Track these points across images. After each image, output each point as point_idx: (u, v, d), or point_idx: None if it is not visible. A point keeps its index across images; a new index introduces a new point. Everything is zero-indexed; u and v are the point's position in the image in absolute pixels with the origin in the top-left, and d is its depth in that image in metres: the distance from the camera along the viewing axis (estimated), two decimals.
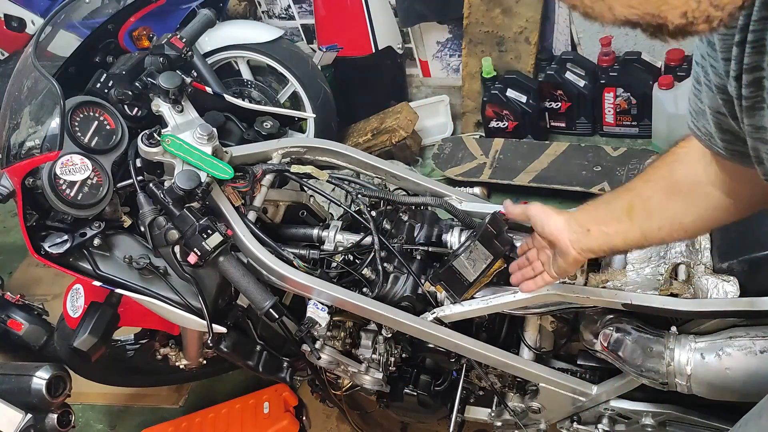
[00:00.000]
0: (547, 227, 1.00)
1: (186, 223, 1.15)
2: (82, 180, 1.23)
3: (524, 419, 1.48)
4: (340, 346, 1.38)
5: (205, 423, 1.99)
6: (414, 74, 3.19)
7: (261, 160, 1.41)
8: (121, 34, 1.47)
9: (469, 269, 1.24)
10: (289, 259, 1.28)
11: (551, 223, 0.99)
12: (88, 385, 1.83)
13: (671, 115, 2.29)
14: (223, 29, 2.69)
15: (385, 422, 1.92)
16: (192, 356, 1.69)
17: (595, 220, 0.95)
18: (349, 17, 2.87)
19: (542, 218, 1.01)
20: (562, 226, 0.97)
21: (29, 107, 1.30)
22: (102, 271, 1.28)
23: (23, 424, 1.20)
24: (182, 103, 1.32)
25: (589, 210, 0.98)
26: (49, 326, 2.18)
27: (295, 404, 1.99)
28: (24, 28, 3.05)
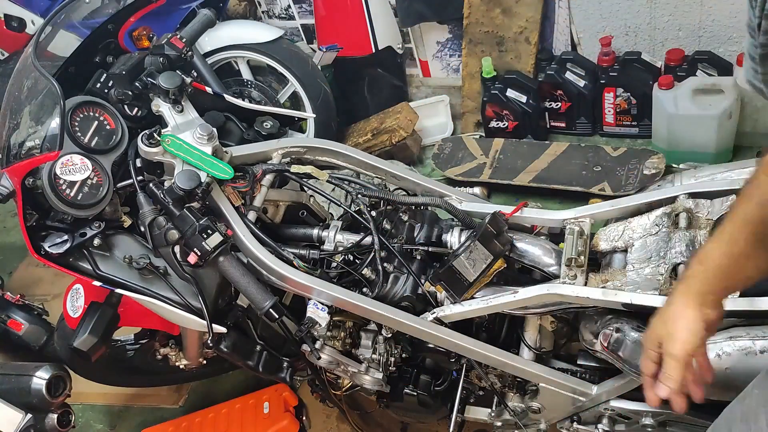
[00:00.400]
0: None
1: (186, 223, 1.15)
2: (82, 180, 1.23)
3: (524, 419, 1.48)
4: (340, 346, 1.38)
5: (205, 423, 1.99)
6: (414, 74, 3.19)
7: (261, 160, 1.41)
8: (121, 34, 1.47)
9: (469, 269, 1.24)
10: (289, 259, 1.28)
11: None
12: (88, 385, 1.83)
13: (671, 115, 2.29)
14: (223, 29, 2.69)
15: (385, 422, 1.92)
16: (192, 356, 1.69)
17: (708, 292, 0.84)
18: (349, 17, 2.87)
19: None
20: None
21: (29, 107, 1.30)
22: (102, 271, 1.28)
23: (23, 424, 1.20)
24: (182, 103, 1.32)
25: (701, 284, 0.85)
26: (49, 326, 2.18)
27: (295, 404, 1.99)
28: (24, 28, 3.05)
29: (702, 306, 0.83)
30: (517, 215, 1.35)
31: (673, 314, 0.84)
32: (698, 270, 0.83)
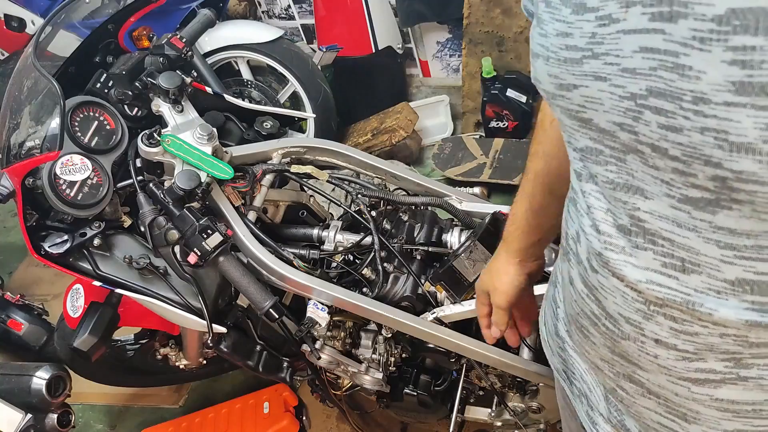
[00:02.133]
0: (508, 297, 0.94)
1: (186, 223, 1.15)
2: (82, 180, 1.23)
3: (524, 419, 1.48)
4: (340, 346, 1.38)
5: (205, 423, 1.99)
6: (414, 74, 3.19)
7: (261, 160, 1.41)
8: (121, 34, 1.47)
9: (469, 269, 1.24)
10: (289, 259, 1.28)
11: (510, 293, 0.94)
12: (88, 385, 1.83)
13: None
14: (223, 29, 2.70)
15: (385, 422, 1.92)
16: (192, 356, 1.69)
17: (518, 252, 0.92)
18: (349, 17, 2.87)
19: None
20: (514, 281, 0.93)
21: (29, 107, 1.30)
22: (102, 271, 1.28)
23: (23, 424, 1.20)
24: (182, 103, 1.32)
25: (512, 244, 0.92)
26: (49, 326, 2.18)
27: (295, 404, 1.99)
28: (24, 28, 3.05)
29: (522, 261, 0.91)
30: None
31: (498, 270, 0.93)
32: (511, 230, 0.91)
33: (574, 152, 0.57)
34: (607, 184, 0.53)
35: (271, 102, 2.77)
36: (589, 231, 0.57)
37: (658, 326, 0.54)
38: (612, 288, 0.56)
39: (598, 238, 0.56)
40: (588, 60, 0.47)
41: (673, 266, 0.50)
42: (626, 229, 0.53)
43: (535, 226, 0.88)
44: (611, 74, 0.45)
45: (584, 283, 0.61)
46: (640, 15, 0.42)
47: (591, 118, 0.50)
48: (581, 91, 0.49)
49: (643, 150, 0.47)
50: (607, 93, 0.47)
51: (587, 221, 0.58)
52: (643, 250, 0.52)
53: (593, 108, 0.49)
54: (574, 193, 0.62)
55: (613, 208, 0.54)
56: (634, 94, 0.44)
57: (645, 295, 0.53)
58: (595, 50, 0.46)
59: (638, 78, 0.44)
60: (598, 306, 0.60)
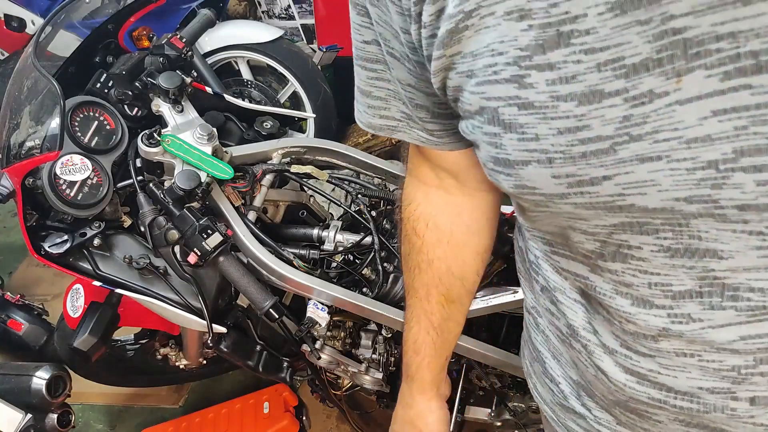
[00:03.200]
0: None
1: (186, 223, 1.15)
2: (82, 180, 1.23)
3: (524, 419, 1.48)
4: (340, 346, 1.38)
5: (205, 423, 1.99)
6: None
7: (261, 160, 1.41)
8: (121, 34, 1.47)
9: None
10: (289, 259, 1.28)
11: None
12: (88, 385, 1.83)
13: None
14: (223, 29, 2.70)
15: (385, 422, 1.91)
16: (192, 356, 1.69)
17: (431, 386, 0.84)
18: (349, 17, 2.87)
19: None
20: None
21: (29, 107, 1.30)
22: (102, 271, 1.28)
23: (23, 424, 1.20)
24: (182, 103, 1.32)
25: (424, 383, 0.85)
26: (49, 326, 2.18)
27: (295, 404, 1.99)
28: (24, 28, 3.05)
29: (437, 392, 0.84)
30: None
31: (420, 414, 0.85)
32: (418, 361, 0.82)
33: (587, 235, 0.50)
34: (657, 254, 0.46)
35: (271, 102, 2.77)
36: (632, 311, 0.50)
37: (754, 385, 0.49)
38: (683, 365, 0.50)
39: (654, 314, 0.49)
40: (624, 145, 0.41)
41: (763, 315, 0.45)
42: (693, 293, 0.46)
43: (441, 344, 0.80)
44: (669, 150, 0.40)
45: (629, 371, 0.55)
46: (705, 79, 0.36)
47: (633, 203, 0.43)
48: (618, 180, 0.42)
49: (725, 213, 0.41)
50: (665, 171, 0.41)
51: (621, 302, 0.51)
52: (722, 309, 0.46)
53: (640, 192, 0.42)
54: (576, 282, 0.56)
55: (670, 276, 0.47)
56: (713, 161, 0.39)
57: (740, 355, 0.48)
58: (635, 132, 0.40)
59: (718, 143, 0.38)
60: (660, 389, 0.53)
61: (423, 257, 0.74)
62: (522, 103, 0.43)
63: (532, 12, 0.40)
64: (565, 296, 0.60)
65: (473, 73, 0.46)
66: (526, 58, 0.41)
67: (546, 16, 0.40)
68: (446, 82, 0.49)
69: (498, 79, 0.43)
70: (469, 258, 0.74)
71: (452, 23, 0.44)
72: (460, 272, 0.74)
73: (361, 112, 0.65)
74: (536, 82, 0.42)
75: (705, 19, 0.35)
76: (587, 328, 0.58)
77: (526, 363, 0.78)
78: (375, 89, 0.61)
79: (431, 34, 0.47)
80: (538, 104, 0.42)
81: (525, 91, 0.42)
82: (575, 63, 0.40)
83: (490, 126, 0.46)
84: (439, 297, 0.76)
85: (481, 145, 0.49)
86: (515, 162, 0.46)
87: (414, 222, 0.74)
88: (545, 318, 0.67)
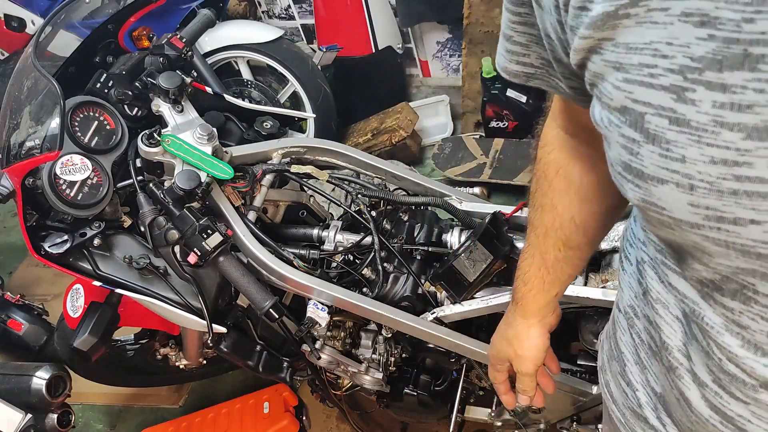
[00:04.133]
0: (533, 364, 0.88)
1: (186, 223, 1.15)
2: (82, 180, 1.23)
3: (524, 419, 1.48)
4: (340, 346, 1.38)
5: (205, 423, 1.99)
6: (414, 74, 3.19)
7: (261, 160, 1.41)
8: (121, 34, 1.47)
9: (469, 269, 1.24)
10: (289, 259, 1.28)
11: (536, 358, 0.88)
12: (88, 385, 1.83)
13: None
14: (223, 29, 2.70)
15: (385, 422, 1.92)
16: (192, 356, 1.69)
17: (534, 313, 0.85)
18: (349, 17, 2.87)
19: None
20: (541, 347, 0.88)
21: (29, 107, 1.30)
22: (102, 271, 1.28)
23: (23, 424, 1.20)
24: (182, 103, 1.32)
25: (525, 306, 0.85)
26: (49, 326, 2.18)
27: (295, 404, 1.99)
28: (24, 28, 3.05)
29: (541, 320, 0.85)
30: (517, 215, 1.35)
31: (517, 335, 0.86)
32: (525, 290, 0.83)
33: (707, 267, 0.46)
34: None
35: (271, 102, 2.77)
36: (739, 353, 0.47)
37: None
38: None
39: (765, 363, 0.46)
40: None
41: None
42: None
43: (551, 282, 0.81)
44: None
45: (715, 409, 0.53)
46: None
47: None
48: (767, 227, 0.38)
49: None
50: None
51: (730, 341, 0.48)
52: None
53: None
54: (682, 302, 0.53)
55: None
56: None
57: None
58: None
59: None
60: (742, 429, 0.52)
61: (548, 201, 0.75)
62: (676, 118, 0.38)
63: (718, 21, 0.34)
64: (667, 311, 0.57)
65: (622, 67, 0.40)
66: (696, 70, 0.36)
67: (736, 31, 0.34)
68: (586, 63, 0.45)
69: (653, 83, 0.38)
70: (596, 210, 0.74)
71: (612, 5, 0.39)
72: (583, 222, 0.74)
73: (500, 55, 0.62)
74: (700, 99, 0.36)
75: None
76: (682, 350, 0.55)
77: (603, 357, 0.78)
78: (516, 34, 0.57)
79: (581, 6, 0.42)
80: (696, 125, 0.37)
81: (684, 106, 0.37)
82: (757, 92, 0.34)
83: (630, 129, 0.41)
84: (556, 241, 0.76)
85: (613, 144, 0.44)
86: (650, 177, 0.42)
87: (545, 165, 0.74)
88: (641, 322, 0.65)
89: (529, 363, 0.87)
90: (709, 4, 0.34)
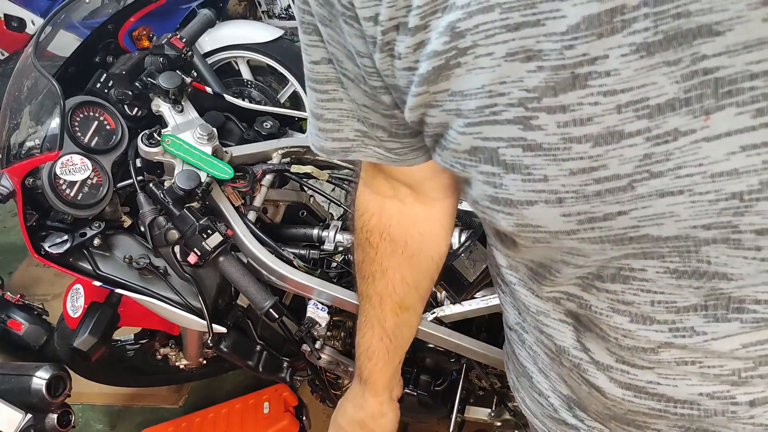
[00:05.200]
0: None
1: (186, 223, 1.15)
2: (82, 180, 1.23)
3: (524, 419, 1.48)
4: (340, 346, 1.38)
5: (205, 423, 1.99)
6: None
7: (261, 160, 1.41)
8: (121, 34, 1.47)
9: (469, 269, 1.24)
10: (289, 259, 1.28)
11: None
12: (88, 385, 1.83)
13: None
14: (223, 29, 2.70)
15: None
16: (192, 356, 1.69)
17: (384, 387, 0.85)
18: None
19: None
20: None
21: (29, 107, 1.30)
22: (102, 271, 1.28)
23: (23, 424, 1.20)
24: (182, 103, 1.32)
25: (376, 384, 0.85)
26: (49, 326, 2.18)
27: (295, 404, 1.99)
28: (24, 28, 3.05)
29: (390, 394, 0.86)
30: None
31: (372, 415, 0.86)
32: (371, 366, 0.82)
33: (580, 268, 0.50)
34: (663, 275, 0.46)
35: (271, 102, 2.77)
36: (631, 327, 0.50)
37: (753, 387, 0.50)
38: (684, 373, 0.51)
39: (655, 329, 0.49)
40: (643, 182, 0.41)
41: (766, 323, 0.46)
42: (698, 307, 0.47)
43: (393, 350, 0.80)
44: (691, 184, 0.40)
45: (626, 386, 0.55)
46: (736, 116, 0.36)
47: (646, 234, 0.43)
48: (634, 214, 0.42)
49: (741, 237, 0.42)
50: (684, 204, 0.41)
51: (619, 320, 0.51)
52: (726, 322, 0.47)
53: (656, 224, 0.43)
54: (564, 302, 0.56)
55: (674, 295, 0.47)
56: (738, 192, 0.39)
57: (740, 360, 0.48)
58: (655, 169, 0.40)
59: (745, 176, 0.38)
60: (659, 400, 0.54)
61: (377, 267, 0.74)
62: (528, 144, 0.42)
63: (542, 53, 0.38)
64: (550, 318, 0.59)
65: (462, 113, 0.44)
66: (534, 99, 0.40)
67: (560, 58, 0.38)
68: (425, 119, 0.47)
69: (498, 119, 0.42)
70: (423, 266, 0.74)
71: (441, 60, 0.42)
72: (414, 281, 0.75)
73: (313, 136, 0.63)
74: (545, 124, 0.40)
75: (739, 59, 0.35)
76: (577, 347, 0.57)
77: (512, 378, 0.78)
78: (326, 111, 0.58)
79: (408, 67, 0.45)
80: (548, 146, 0.41)
81: (532, 133, 0.41)
82: (592, 105, 0.39)
83: (488, 165, 0.44)
84: (392, 305, 0.76)
85: (475, 182, 0.47)
86: (519, 202, 0.45)
87: (368, 233, 0.73)
88: (532, 335, 0.66)
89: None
90: (529, 41, 0.38)
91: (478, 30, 0.39)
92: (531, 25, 0.38)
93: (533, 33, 0.38)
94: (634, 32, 0.36)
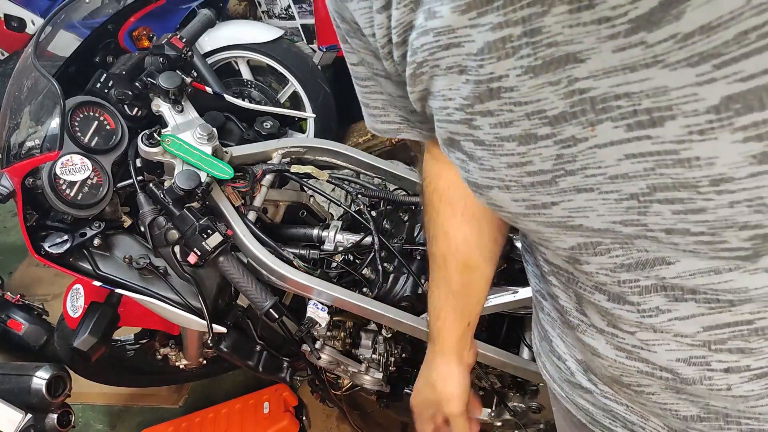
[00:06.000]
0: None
1: (186, 223, 1.15)
2: (82, 180, 1.23)
3: (524, 419, 1.48)
4: (340, 346, 1.38)
5: (205, 423, 1.99)
6: None
7: (261, 160, 1.41)
8: (121, 34, 1.47)
9: None
10: (289, 259, 1.28)
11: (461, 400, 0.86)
12: (88, 385, 1.83)
13: None
14: (223, 29, 2.70)
15: (385, 422, 1.92)
16: (192, 356, 1.69)
17: (454, 350, 0.85)
18: None
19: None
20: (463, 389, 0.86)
21: (29, 107, 1.30)
22: (102, 271, 1.28)
23: (23, 424, 1.20)
24: (182, 103, 1.32)
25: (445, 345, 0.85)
26: (49, 326, 2.18)
27: (295, 404, 1.99)
28: (24, 28, 3.05)
29: (459, 356, 0.84)
30: None
31: (439, 377, 0.86)
32: (439, 325, 0.83)
33: (559, 251, 0.55)
34: (616, 267, 0.51)
35: (271, 102, 2.77)
36: (610, 305, 0.55)
37: (728, 354, 0.52)
38: (661, 339, 0.54)
39: (625, 308, 0.54)
40: (563, 178, 0.46)
41: (719, 307, 0.49)
42: (658, 287, 0.51)
43: (461, 309, 0.82)
44: (597, 183, 0.44)
45: (618, 348, 0.58)
46: (613, 129, 0.41)
47: (581, 224, 0.48)
48: (564, 206, 0.48)
49: (656, 235, 0.45)
50: (598, 201, 0.46)
51: (600, 297, 0.56)
52: (684, 302, 0.50)
53: (583, 215, 0.48)
54: (568, 273, 0.60)
55: (632, 280, 0.51)
56: (634, 194, 0.43)
57: (701, 338, 0.51)
58: (569, 168, 0.45)
59: (635, 180, 0.42)
60: (646, 363, 0.57)
61: (439, 228, 0.78)
62: (475, 140, 0.49)
63: (468, 68, 0.45)
64: (558, 280, 0.63)
65: (434, 111, 0.52)
66: (469, 105, 0.47)
67: (477, 74, 0.44)
68: (425, 109, 0.55)
69: (451, 119, 0.50)
70: (484, 227, 0.77)
71: (411, 69, 0.50)
72: (476, 241, 0.77)
73: (367, 118, 0.72)
74: (482, 125, 0.47)
75: (603, 82, 0.39)
76: (579, 309, 0.61)
77: (536, 342, 0.81)
78: (371, 101, 0.67)
79: (401, 71, 0.54)
80: (488, 143, 0.48)
81: (476, 131, 0.48)
82: (509, 111, 0.45)
83: (459, 153, 0.52)
84: (456, 265, 0.78)
85: (455, 166, 0.54)
86: (482, 186, 0.52)
87: (430, 196, 0.79)
88: (548, 301, 0.71)
89: (457, 401, 0.85)
90: (458, 58, 0.45)
91: (424, 48, 0.47)
92: (455, 46, 0.45)
93: (459, 52, 0.45)
94: (521, 57, 0.41)
